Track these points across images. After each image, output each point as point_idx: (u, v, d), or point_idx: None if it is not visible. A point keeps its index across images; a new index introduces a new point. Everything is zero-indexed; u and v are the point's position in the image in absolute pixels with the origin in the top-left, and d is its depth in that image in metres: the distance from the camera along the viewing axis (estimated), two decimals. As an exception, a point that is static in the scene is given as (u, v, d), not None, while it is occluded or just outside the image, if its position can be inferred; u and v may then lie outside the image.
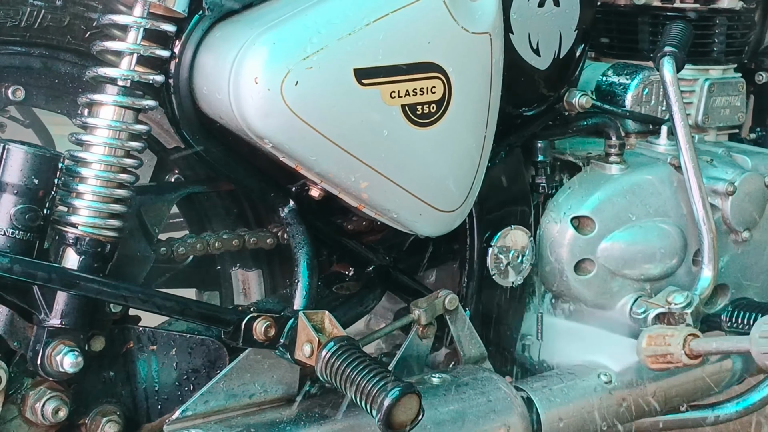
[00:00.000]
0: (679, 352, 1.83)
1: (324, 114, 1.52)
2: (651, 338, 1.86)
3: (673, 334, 1.85)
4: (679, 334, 1.84)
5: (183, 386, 1.60)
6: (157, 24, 1.49)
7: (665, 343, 1.84)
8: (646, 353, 1.86)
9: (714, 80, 2.20)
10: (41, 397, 1.47)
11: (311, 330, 1.52)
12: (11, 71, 1.55)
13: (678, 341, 1.83)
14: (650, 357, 1.85)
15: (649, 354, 1.85)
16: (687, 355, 1.83)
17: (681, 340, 1.83)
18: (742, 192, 2.07)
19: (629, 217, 1.98)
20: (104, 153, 1.48)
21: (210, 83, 1.52)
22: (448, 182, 1.68)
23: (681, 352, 1.83)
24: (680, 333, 1.84)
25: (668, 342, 1.84)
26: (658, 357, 1.85)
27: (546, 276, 1.97)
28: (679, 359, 1.83)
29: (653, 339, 1.86)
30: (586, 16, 1.92)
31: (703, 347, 1.82)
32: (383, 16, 1.56)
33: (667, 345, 1.84)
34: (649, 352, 1.85)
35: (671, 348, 1.83)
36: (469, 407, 1.69)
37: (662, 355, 1.84)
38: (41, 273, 1.42)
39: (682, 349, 1.83)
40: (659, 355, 1.85)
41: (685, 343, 1.83)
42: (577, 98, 1.95)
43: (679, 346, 1.83)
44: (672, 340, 1.84)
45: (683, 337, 1.83)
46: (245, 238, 1.75)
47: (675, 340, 1.83)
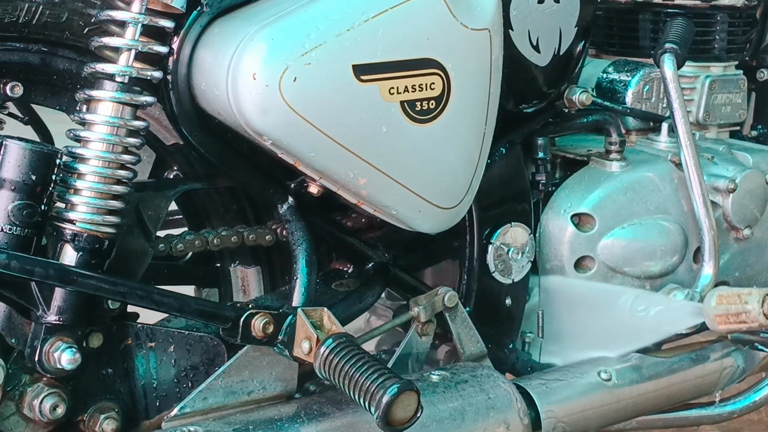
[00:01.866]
0: (758, 310, 1.80)
1: (322, 110, 1.52)
2: (722, 297, 1.83)
3: (750, 292, 1.83)
4: (757, 292, 1.82)
5: (181, 383, 1.59)
6: (155, 20, 1.49)
7: (741, 301, 1.81)
8: (717, 312, 1.83)
9: (715, 77, 2.20)
10: (39, 393, 1.47)
11: (310, 327, 1.51)
12: (9, 67, 1.54)
13: (756, 299, 1.81)
14: (721, 316, 1.83)
15: (720, 313, 1.83)
16: (766, 315, 1.80)
17: (760, 299, 1.81)
18: (743, 189, 2.07)
19: (630, 214, 1.97)
20: (102, 149, 1.48)
21: (208, 79, 1.52)
22: (448, 179, 1.68)
23: (760, 310, 1.80)
24: (758, 291, 1.82)
25: (745, 300, 1.81)
26: (730, 316, 1.82)
27: (546, 273, 1.97)
28: (756, 318, 1.80)
29: (725, 298, 1.83)
30: (586, 12, 1.91)
31: None
32: (382, 12, 1.55)
33: (744, 303, 1.81)
34: (720, 310, 1.83)
35: (749, 306, 1.80)
36: (468, 404, 1.69)
37: (736, 314, 1.81)
38: (39, 269, 1.41)
39: (761, 307, 1.80)
40: (732, 314, 1.82)
41: (764, 302, 1.80)
42: (577, 95, 1.94)
43: (757, 305, 1.80)
44: (749, 298, 1.81)
45: (762, 296, 1.81)
46: (244, 234, 1.74)
47: (753, 298, 1.81)
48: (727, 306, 1.82)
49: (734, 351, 2.09)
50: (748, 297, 1.81)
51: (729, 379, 2.10)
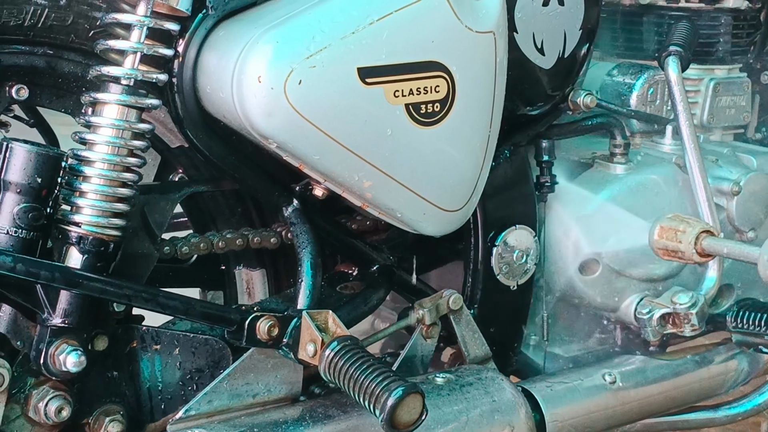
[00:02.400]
0: (690, 250, 1.80)
1: (327, 113, 1.52)
2: (663, 230, 1.83)
3: (684, 230, 1.82)
4: (692, 230, 1.82)
5: (186, 386, 1.59)
6: (160, 23, 1.49)
7: (676, 239, 1.81)
8: (657, 245, 1.83)
9: (719, 80, 2.20)
10: (44, 396, 1.47)
11: (315, 330, 1.51)
12: (15, 70, 1.55)
13: (690, 239, 1.80)
14: (661, 249, 1.83)
15: (660, 246, 1.83)
16: (698, 253, 1.80)
17: (693, 238, 1.80)
18: (747, 192, 2.07)
19: (634, 216, 1.97)
20: (108, 152, 1.48)
21: (213, 82, 1.52)
22: (452, 181, 1.68)
23: (692, 250, 1.80)
24: (693, 229, 1.82)
25: (679, 239, 1.81)
26: (670, 251, 1.82)
27: (551, 276, 1.97)
28: (690, 257, 1.80)
29: (665, 231, 1.83)
30: (590, 15, 1.91)
31: (714, 248, 1.78)
32: (387, 15, 1.55)
33: (678, 242, 1.81)
34: (660, 244, 1.83)
35: (682, 246, 1.80)
36: (473, 407, 1.69)
37: (673, 250, 1.81)
38: (44, 272, 1.41)
39: (693, 247, 1.80)
40: (670, 249, 1.82)
41: (697, 240, 1.80)
42: (581, 98, 1.94)
43: (690, 245, 1.80)
44: (683, 237, 1.81)
45: (695, 234, 1.81)
46: (249, 237, 1.74)
47: (686, 237, 1.81)
48: (666, 242, 1.82)
49: (739, 354, 2.09)
50: (682, 236, 1.81)
51: (733, 381, 2.10)
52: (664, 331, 1.96)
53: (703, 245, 1.79)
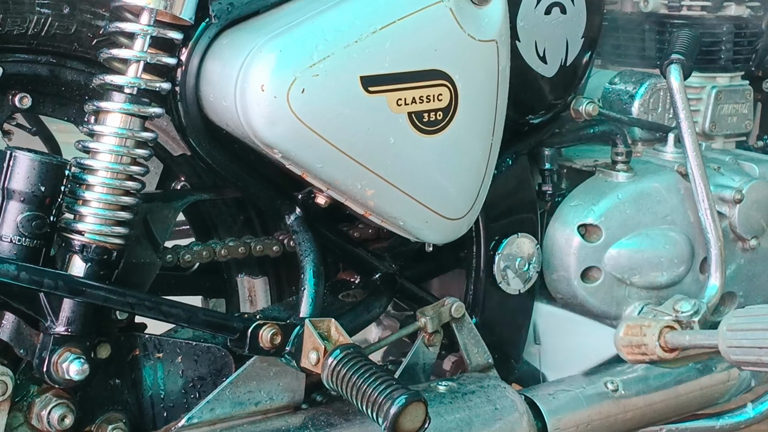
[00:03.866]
0: (654, 344, 1.80)
1: (330, 121, 1.52)
2: (629, 328, 1.83)
3: (650, 324, 1.82)
4: (656, 325, 1.81)
5: (189, 394, 1.60)
6: (163, 32, 1.49)
7: (641, 333, 1.81)
8: (622, 343, 1.83)
9: (721, 88, 2.20)
10: (47, 404, 1.47)
11: (317, 338, 1.51)
12: (18, 79, 1.55)
13: (654, 333, 1.80)
14: (626, 347, 1.83)
15: (625, 344, 1.83)
16: (662, 348, 1.80)
17: (657, 332, 1.80)
18: (749, 200, 2.07)
19: (636, 224, 1.97)
20: (111, 160, 1.48)
21: (216, 91, 1.52)
22: (455, 190, 1.68)
23: (656, 344, 1.80)
24: (657, 324, 1.82)
25: (644, 333, 1.81)
26: (634, 348, 1.82)
27: (552, 284, 1.97)
28: (653, 351, 1.80)
29: (630, 329, 1.83)
30: (592, 23, 1.92)
31: (677, 340, 1.79)
32: (390, 24, 1.55)
33: (643, 336, 1.81)
34: (625, 342, 1.83)
35: (646, 339, 1.80)
36: (475, 415, 1.69)
37: (637, 345, 1.82)
38: (47, 280, 1.41)
39: (657, 341, 1.80)
40: (635, 345, 1.82)
41: (660, 335, 1.80)
42: (583, 106, 1.95)
43: (654, 338, 1.80)
44: (648, 331, 1.81)
45: (659, 329, 1.81)
46: (251, 245, 1.75)
47: (651, 331, 1.81)
48: (630, 338, 1.82)
49: (741, 362, 2.09)
50: (647, 329, 1.81)
51: (736, 390, 2.10)
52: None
53: (666, 338, 1.80)
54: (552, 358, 1.97)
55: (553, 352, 1.97)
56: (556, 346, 1.97)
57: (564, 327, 1.97)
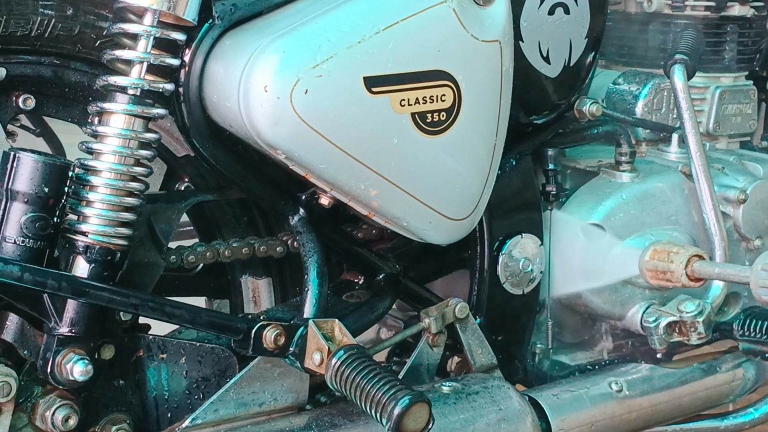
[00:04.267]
0: (681, 271, 1.80)
1: (334, 122, 1.52)
2: (656, 251, 1.83)
3: (678, 251, 1.82)
4: (684, 252, 1.82)
5: (193, 395, 1.60)
6: (167, 33, 1.49)
7: (668, 259, 1.81)
8: (647, 266, 1.83)
9: (725, 88, 2.20)
10: (51, 405, 1.47)
11: (321, 338, 1.51)
12: (22, 80, 1.55)
13: (681, 260, 1.80)
14: (651, 271, 1.82)
15: (650, 268, 1.82)
16: (688, 276, 1.80)
17: (685, 259, 1.80)
18: (753, 200, 2.07)
19: (640, 225, 1.97)
20: (114, 161, 1.48)
21: (220, 91, 1.52)
22: (458, 190, 1.68)
23: (682, 271, 1.80)
24: (685, 252, 1.82)
25: (671, 259, 1.81)
26: (659, 273, 1.82)
27: (556, 284, 1.97)
28: (679, 279, 1.80)
29: (657, 253, 1.83)
30: (596, 23, 1.92)
31: (705, 270, 1.78)
32: (393, 24, 1.56)
33: (670, 262, 1.81)
34: (650, 265, 1.83)
35: (673, 266, 1.80)
36: (479, 416, 1.69)
37: (663, 271, 1.81)
38: (51, 281, 1.42)
39: (684, 268, 1.80)
40: (660, 270, 1.81)
41: (688, 263, 1.80)
42: (587, 106, 1.95)
43: (681, 265, 1.80)
44: (676, 257, 1.81)
45: (687, 257, 1.81)
46: (255, 246, 1.75)
47: (679, 258, 1.81)
48: (657, 262, 1.81)
49: (745, 362, 2.09)
50: (675, 256, 1.81)
51: (740, 390, 2.09)
52: (670, 339, 1.96)
53: (694, 267, 1.79)
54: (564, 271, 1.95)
55: (566, 265, 1.95)
56: (570, 258, 1.95)
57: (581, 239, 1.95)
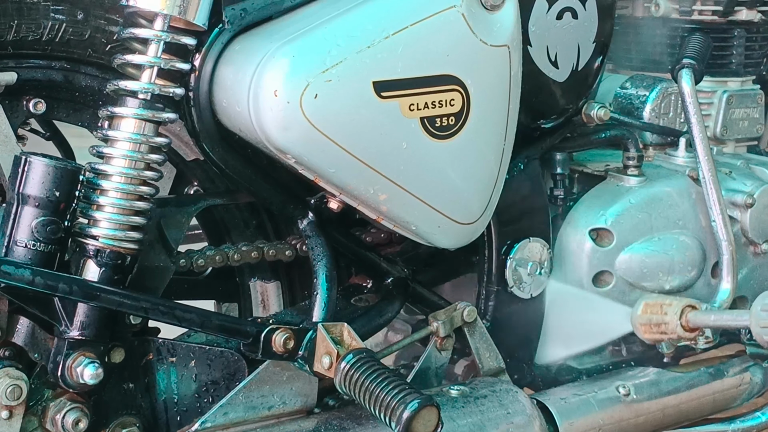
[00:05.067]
0: (675, 322, 1.78)
1: (343, 127, 1.53)
2: (648, 306, 1.82)
3: (671, 303, 1.81)
4: (678, 303, 1.80)
5: (202, 398, 1.60)
6: (177, 37, 1.50)
7: (661, 312, 1.79)
8: (641, 321, 1.82)
9: (732, 92, 2.20)
10: (62, 408, 1.48)
11: (330, 342, 1.52)
12: (33, 84, 1.56)
13: (675, 311, 1.79)
14: (644, 325, 1.81)
15: (644, 322, 1.81)
16: (683, 327, 1.78)
17: (678, 311, 1.79)
18: (761, 204, 2.07)
19: (648, 229, 1.97)
20: (125, 165, 1.48)
21: (230, 96, 1.53)
22: (467, 194, 1.68)
23: (677, 323, 1.78)
24: (678, 303, 1.80)
25: (665, 311, 1.79)
26: (653, 326, 1.80)
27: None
28: (674, 330, 1.78)
29: (650, 307, 1.81)
30: (604, 28, 1.92)
31: (700, 320, 1.77)
32: (402, 29, 1.56)
33: (663, 314, 1.79)
34: (643, 320, 1.81)
35: (667, 317, 1.78)
36: (487, 419, 1.69)
37: (657, 324, 1.79)
38: (62, 285, 1.42)
39: (678, 319, 1.78)
40: (654, 324, 1.80)
41: (682, 314, 1.78)
42: (595, 110, 1.95)
43: (675, 317, 1.78)
44: (669, 309, 1.79)
45: (681, 308, 1.79)
46: (264, 250, 1.75)
47: (672, 309, 1.79)
48: (650, 316, 1.80)
49: (753, 366, 2.09)
50: (668, 308, 1.79)
51: (748, 394, 2.09)
52: (678, 343, 1.96)
53: (689, 318, 1.78)
54: (560, 334, 1.95)
55: (562, 328, 1.95)
56: (565, 321, 1.95)
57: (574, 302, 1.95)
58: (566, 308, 1.94)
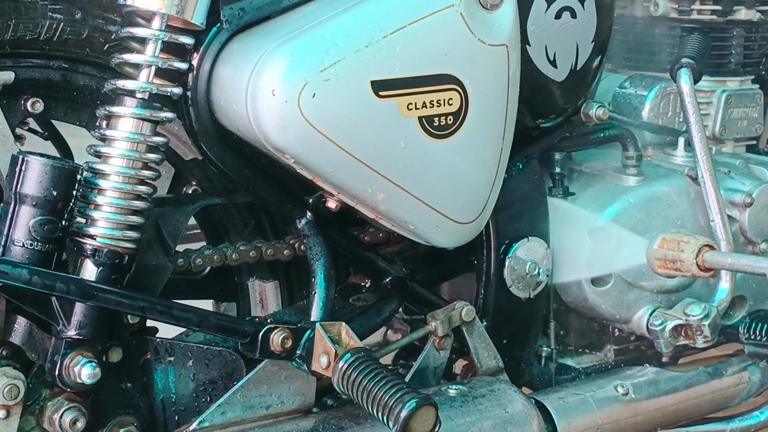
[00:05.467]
0: (691, 260, 1.77)
1: (341, 126, 1.53)
2: (665, 241, 1.79)
3: (689, 240, 1.79)
4: (695, 242, 1.79)
5: (200, 397, 1.60)
6: (175, 37, 1.50)
7: (678, 249, 1.78)
8: (656, 255, 1.79)
9: (731, 92, 2.20)
10: (59, 408, 1.48)
11: (328, 341, 1.52)
12: (31, 84, 1.56)
13: (692, 249, 1.77)
14: (659, 260, 1.79)
15: (659, 257, 1.79)
16: (698, 266, 1.77)
17: (695, 249, 1.77)
18: (759, 203, 2.07)
19: (646, 228, 1.97)
20: (122, 165, 1.48)
21: (228, 95, 1.53)
22: (465, 194, 1.68)
23: (693, 261, 1.77)
24: (696, 241, 1.79)
25: (681, 248, 1.77)
26: (668, 262, 1.78)
27: (562, 287, 1.97)
28: (689, 268, 1.77)
29: (667, 242, 1.79)
30: (603, 27, 1.92)
31: (716, 260, 1.75)
32: (400, 29, 1.56)
33: (680, 251, 1.77)
34: (659, 254, 1.79)
35: (683, 255, 1.77)
36: (485, 419, 1.69)
37: (672, 260, 1.78)
38: (59, 284, 1.42)
39: (694, 258, 1.77)
40: (669, 260, 1.78)
41: (699, 252, 1.77)
42: (594, 110, 1.95)
43: (692, 254, 1.76)
44: (686, 246, 1.77)
45: (698, 246, 1.78)
46: (262, 249, 1.75)
47: (689, 247, 1.77)
48: (666, 251, 1.78)
49: (751, 365, 2.09)
50: (686, 245, 1.77)
51: (746, 393, 2.09)
52: (676, 342, 1.96)
53: (705, 257, 1.77)
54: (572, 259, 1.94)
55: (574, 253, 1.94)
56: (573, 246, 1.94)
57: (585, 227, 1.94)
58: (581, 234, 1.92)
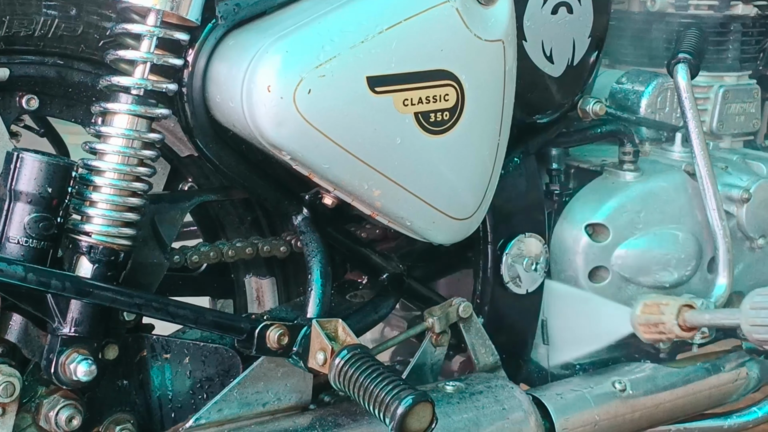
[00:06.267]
0: (672, 322, 1.80)
1: (337, 122, 1.53)
2: (646, 306, 1.83)
3: (668, 303, 1.82)
4: (674, 303, 1.82)
5: (196, 394, 1.60)
6: (170, 33, 1.49)
7: (659, 312, 1.81)
8: (639, 321, 1.83)
9: (729, 87, 2.20)
10: (55, 405, 1.47)
11: (324, 338, 1.51)
12: (26, 80, 1.56)
13: (672, 311, 1.81)
14: (643, 326, 1.83)
15: (642, 323, 1.83)
16: (680, 327, 1.80)
17: (675, 310, 1.80)
18: (757, 199, 2.07)
19: (644, 224, 1.97)
20: (118, 161, 1.48)
21: (223, 91, 1.52)
22: (462, 190, 1.68)
23: (674, 322, 1.80)
24: (675, 303, 1.82)
25: (662, 311, 1.81)
26: (651, 326, 1.82)
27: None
28: (671, 330, 1.80)
29: (648, 307, 1.83)
30: (599, 22, 1.92)
31: (696, 319, 1.79)
32: (396, 24, 1.56)
33: (661, 314, 1.81)
34: (642, 320, 1.83)
35: (664, 317, 1.80)
36: (483, 415, 1.69)
37: (655, 324, 1.81)
38: (55, 281, 1.42)
39: (675, 319, 1.80)
40: (652, 324, 1.82)
41: (679, 313, 1.80)
42: (591, 105, 1.95)
43: (672, 316, 1.80)
44: (666, 309, 1.81)
45: (678, 307, 1.81)
46: (259, 246, 1.75)
47: (669, 309, 1.81)
48: (648, 316, 1.82)
49: (749, 361, 2.09)
50: (666, 308, 1.81)
51: (744, 389, 2.09)
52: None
53: (686, 317, 1.79)
54: (562, 338, 1.95)
55: (563, 331, 1.95)
56: (566, 325, 1.95)
57: (575, 305, 1.95)
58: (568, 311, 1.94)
